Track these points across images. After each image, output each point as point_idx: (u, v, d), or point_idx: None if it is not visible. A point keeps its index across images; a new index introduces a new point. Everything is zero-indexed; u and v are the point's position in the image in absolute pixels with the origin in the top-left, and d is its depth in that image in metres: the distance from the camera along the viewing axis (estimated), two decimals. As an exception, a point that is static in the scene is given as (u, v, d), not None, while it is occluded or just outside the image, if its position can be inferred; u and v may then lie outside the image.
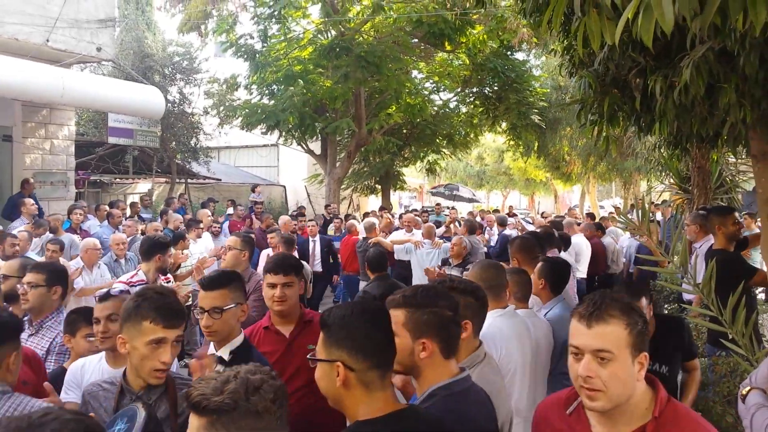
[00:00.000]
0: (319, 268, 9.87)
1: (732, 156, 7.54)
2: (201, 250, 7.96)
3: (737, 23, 1.96)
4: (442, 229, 11.06)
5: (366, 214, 14.22)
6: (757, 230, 8.66)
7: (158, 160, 16.37)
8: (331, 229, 12.13)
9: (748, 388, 2.27)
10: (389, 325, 1.88)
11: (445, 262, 7.21)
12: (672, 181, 9.21)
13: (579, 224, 9.86)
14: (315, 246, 10.05)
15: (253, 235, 6.82)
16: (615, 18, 2.19)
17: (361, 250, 8.65)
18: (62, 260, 6.23)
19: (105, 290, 4.54)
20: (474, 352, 2.42)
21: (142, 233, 8.46)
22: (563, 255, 6.18)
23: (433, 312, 2.04)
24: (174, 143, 16.15)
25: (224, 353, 2.73)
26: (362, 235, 9.62)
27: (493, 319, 3.01)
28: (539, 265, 3.96)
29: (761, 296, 6.77)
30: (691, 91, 3.05)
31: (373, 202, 24.34)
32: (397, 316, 2.02)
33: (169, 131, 15.73)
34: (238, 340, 2.79)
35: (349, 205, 22.55)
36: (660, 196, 10.43)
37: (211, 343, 2.85)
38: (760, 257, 7.64)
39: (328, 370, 1.79)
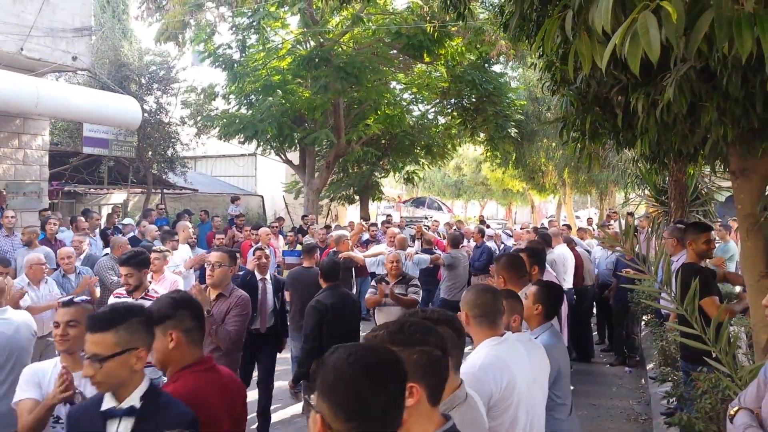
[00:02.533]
0: (270, 320, 6.09)
1: (710, 169, 7.67)
2: (177, 262, 7.85)
3: (723, 49, 1.98)
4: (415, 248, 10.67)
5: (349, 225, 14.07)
6: (732, 242, 8.81)
7: (134, 170, 16.18)
8: (282, 243, 11.28)
9: (737, 408, 2.27)
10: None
11: (380, 281, 6.44)
12: (648, 193, 9.34)
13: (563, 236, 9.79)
14: (267, 291, 6.11)
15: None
16: (605, 41, 2.21)
17: None
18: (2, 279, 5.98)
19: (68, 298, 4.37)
20: (455, 392, 2.14)
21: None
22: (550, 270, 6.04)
23: (423, 352, 1.79)
24: (150, 153, 15.98)
25: (133, 402, 2.28)
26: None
27: (489, 348, 2.80)
28: (536, 289, 3.66)
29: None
30: (674, 109, 3.08)
31: (352, 213, 24.31)
32: None
33: (145, 141, 15.57)
34: (143, 386, 2.32)
35: (327, 215, 22.50)
36: (636, 208, 10.57)
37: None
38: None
39: (312, 419, 1.49)
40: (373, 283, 6.56)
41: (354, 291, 9.44)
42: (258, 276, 6.15)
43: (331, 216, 22.95)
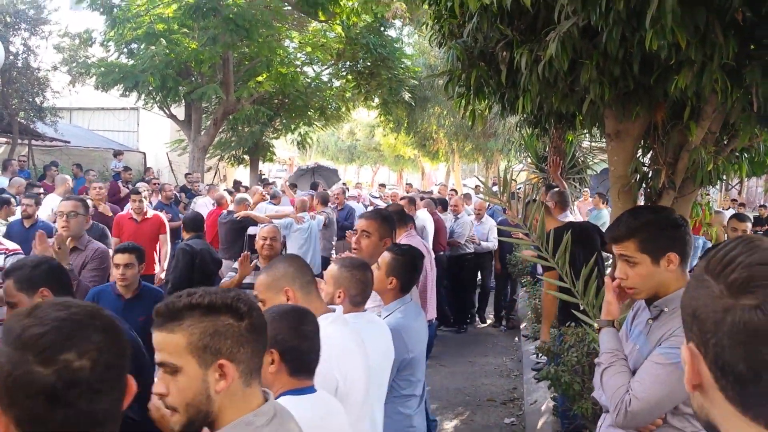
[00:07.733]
0: None
1: (588, 135, 7.98)
2: (48, 214, 7.33)
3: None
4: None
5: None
6: (605, 210, 9.27)
7: (-3, 117, 14.79)
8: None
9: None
10: None
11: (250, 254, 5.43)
12: (530, 160, 9.63)
13: (423, 199, 9.52)
14: None
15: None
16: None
17: (224, 222, 8.14)
18: None
19: None
20: (246, 415, 1.39)
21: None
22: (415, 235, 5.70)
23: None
24: (16, 100, 14.64)
25: None
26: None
27: (329, 326, 2.20)
28: (390, 258, 3.08)
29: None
30: (555, 66, 3.08)
31: (241, 173, 23.62)
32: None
33: (10, 86, 14.27)
34: None
35: (215, 175, 21.72)
36: (517, 175, 10.89)
37: None
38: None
39: None
40: (235, 265, 4.98)
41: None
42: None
43: (219, 176, 22.17)
